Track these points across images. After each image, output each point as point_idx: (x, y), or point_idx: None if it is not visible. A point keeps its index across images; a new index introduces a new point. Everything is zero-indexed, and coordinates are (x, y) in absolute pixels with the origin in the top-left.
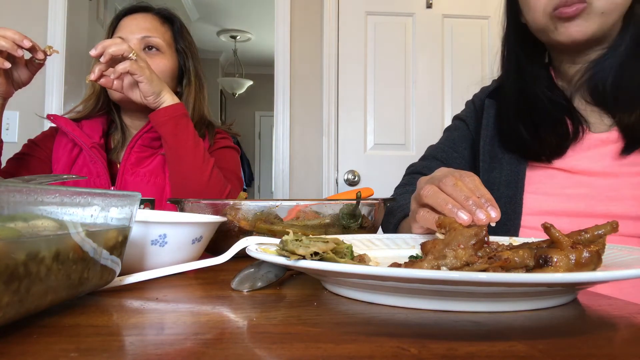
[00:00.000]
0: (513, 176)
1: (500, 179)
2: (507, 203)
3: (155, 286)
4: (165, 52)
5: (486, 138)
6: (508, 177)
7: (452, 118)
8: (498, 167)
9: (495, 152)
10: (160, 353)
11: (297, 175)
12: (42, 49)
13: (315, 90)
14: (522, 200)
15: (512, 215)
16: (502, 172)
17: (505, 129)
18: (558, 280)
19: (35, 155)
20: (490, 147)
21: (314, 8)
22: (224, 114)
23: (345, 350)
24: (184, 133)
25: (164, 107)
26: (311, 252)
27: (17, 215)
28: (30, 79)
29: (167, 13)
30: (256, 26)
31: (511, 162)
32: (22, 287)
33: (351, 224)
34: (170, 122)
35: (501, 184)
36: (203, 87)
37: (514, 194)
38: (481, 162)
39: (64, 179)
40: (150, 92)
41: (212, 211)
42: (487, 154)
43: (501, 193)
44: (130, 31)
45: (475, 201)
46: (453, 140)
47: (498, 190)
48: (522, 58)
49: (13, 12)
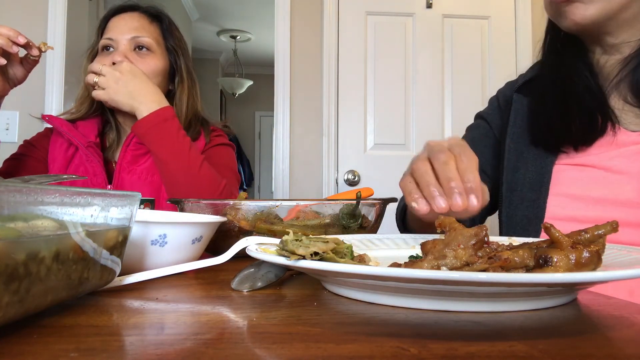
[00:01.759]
0: (538, 177)
1: (524, 180)
2: (529, 207)
3: (155, 286)
4: (155, 51)
5: (513, 135)
6: (532, 178)
7: (474, 117)
8: (523, 166)
9: (521, 150)
10: (160, 353)
11: (297, 175)
12: (37, 46)
13: (315, 90)
14: (546, 204)
15: (533, 220)
16: (527, 172)
17: (538, 118)
18: (558, 280)
19: (31, 155)
20: (516, 144)
21: (314, 8)
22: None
23: (345, 350)
24: (164, 139)
25: (143, 118)
26: (311, 252)
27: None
28: (25, 76)
29: (155, 11)
30: (256, 26)
31: (538, 159)
32: (22, 287)
33: (351, 224)
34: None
35: (525, 186)
36: (195, 83)
37: (537, 197)
38: (506, 160)
39: (63, 178)
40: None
41: (212, 211)
42: (513, 152)
43: (524, 195)
44: (119, 32)
45: (457, 185)
46: (473, 139)
47: (521, 193)
48: (562, 47)
49: (13, 12)
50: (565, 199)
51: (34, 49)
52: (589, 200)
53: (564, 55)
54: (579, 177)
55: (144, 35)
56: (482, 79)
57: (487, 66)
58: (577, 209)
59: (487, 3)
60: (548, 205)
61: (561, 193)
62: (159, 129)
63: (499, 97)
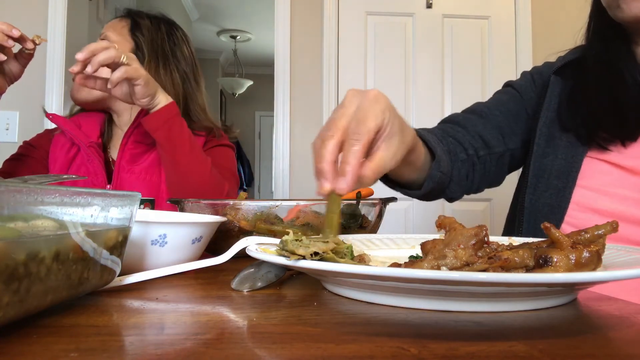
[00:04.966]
0: (566, 166)
1: (552, 167)
2: (553, 195)
3: (155, 286)
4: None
5: (546, 119)
6: (561, 166)
7: (503, 85)
8: (552, 153)
9: (552, 135)
10: (160, 353)
11: (297, 175)
12: (31, 39)
13: (315, 90)
14: (572, 194)
15: (556, 209)
16: (556, 159)
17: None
18: (558, 280)
19: (31, 155)
20: (547, 129)
21: (314, 8)
22: (224, 114)
23: (345, 350)
24: (179, 136)
25: (156, 111)
26: (311, 252)
27: (17, 215)
28: (21, 72)
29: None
30: (256, 26)
31: (569, 147)
32: (22, 287)
33: (351, 224)
34: (164, 127)
35: (552, 174)
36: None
37: (564, 186)
38: (535, 145)
39: (63, 178)
40: (147, 94)
41: (212, 211)
42: (544, 136)
43: (550, 183)
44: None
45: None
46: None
47: (547, 180)
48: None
49: (13, 12)
50: (590, 192)
51: (28, 42)
52: (615, 196)
53: (611, 43)
54: (607, 172)
55: (108, 30)
56: (482, 79)
57: (487, 66)
58: (601, 203)
59: (487, 3)
60: (573, 195)
61: (586, 185)
62: (171, 125)
63: (533, 75)
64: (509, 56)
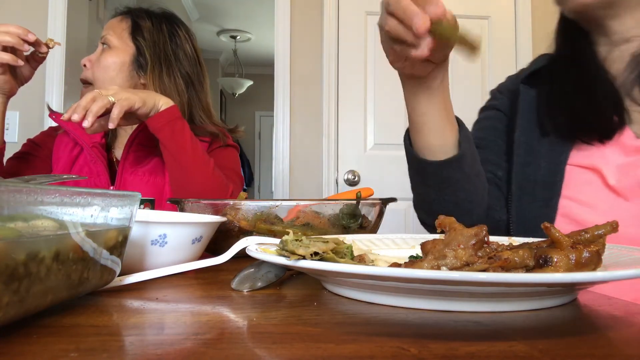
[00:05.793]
0: (550, 176)
1: (535, 176)
2: (541, 206)
3: (155, 286)
4: (115, 46)
5: (522, 128)
6: (545, 176)
7: (479, 111)
8: (534, 161)
9: (531, 143)
10: (160, 353)
11: (297, 175)
12: (44, 42)
13: (315, 90)
14: (558, 204)
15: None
16: (539, 169)
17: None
18: (558, 280)
19: (35, 154)
20: (525, 137)
21: (314, 8)
22: (224, 114)
23: (346, 350)
24: (180, 136)
25: (159, 112)
26: (311, 252)
27: (17, 215)
28: (32, 74)
29: (127, 8)
30: (256, 26)
31: (550, 153)
32: (22, 287)
33: (351, 224)
34: (167, 127)
35: (537, 184)
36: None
37: (551, 197)
38: (515, 155)
39: (64, 179)
40: (148, 110)
41: (212, 211)
42: (523, 145)
43: (536, 194)
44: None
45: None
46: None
47: (533, 191)
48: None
49: (13, 12)
50: (574, 203)
51: (42, 46)
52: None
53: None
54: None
55: (109, 33)
56: (482, 79)
57: (487, 66)
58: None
59: (487, 3)
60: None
61: (571, 196)
62: (173, 125)
63: (501, 90)
64: (509, 56)
